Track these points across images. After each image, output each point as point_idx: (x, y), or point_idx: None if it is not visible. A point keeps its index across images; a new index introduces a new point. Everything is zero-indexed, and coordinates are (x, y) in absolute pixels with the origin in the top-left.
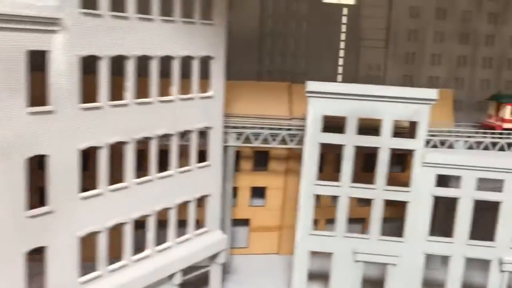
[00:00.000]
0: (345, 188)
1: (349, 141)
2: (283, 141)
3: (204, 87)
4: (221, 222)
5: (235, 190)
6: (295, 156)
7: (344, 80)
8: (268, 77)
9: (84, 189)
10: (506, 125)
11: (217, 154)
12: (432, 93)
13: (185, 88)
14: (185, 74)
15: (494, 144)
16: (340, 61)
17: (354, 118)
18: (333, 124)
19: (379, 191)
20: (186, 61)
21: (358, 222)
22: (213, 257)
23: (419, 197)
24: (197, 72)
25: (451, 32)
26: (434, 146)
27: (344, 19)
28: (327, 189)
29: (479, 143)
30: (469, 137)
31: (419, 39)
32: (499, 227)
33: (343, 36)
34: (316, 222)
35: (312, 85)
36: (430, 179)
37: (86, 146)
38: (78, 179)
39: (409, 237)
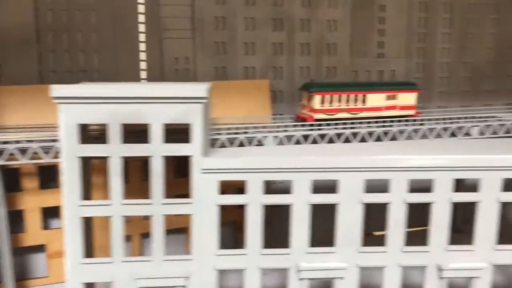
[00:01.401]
0: (116, 207)
1: (114, 152)
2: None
3: None
4: None
5: (20, 213)
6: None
7: (150, 76)
8: (56, 78)
9: None
10: (317, 116)
11: None
12: (200, 90)
13: None
14: None
15: (306, 137)
16: (142, 56)
17: (117, 125)
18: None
19: (157, 206)
20: None
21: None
22: None
23: (203, 208)
24: None
25: (262, 19)
26: (241, 145)
27: (141, 8)
28: (95, 209)
29: (290, 137)
30: (276, 131)
31: (229, 27)
32: (293, 233)
33: (142, 27)
34: (129, 239)
35: (59, 90)
36: (212, 187)
37: None
38: None
39: (197, 254)
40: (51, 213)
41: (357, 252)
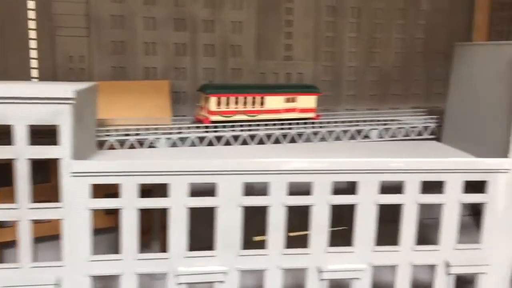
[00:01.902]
0: None
1: None
2: None
3: None
4: None
5: None
6: None
7: (42, 76)
8: None
9: None
10: (213, 118)
11: None
12: (68, 90)
13: None
14: None
15: (202, 139)
16: (33, 54)
17: None
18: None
19: (23, 211)
20: None
21: None
22: None
23: (74, 212)
24: None
25: (164, 18)
26: (132, 147)
27: (31, 4)
28: None
29: (184, 139)
30: (169, 133)
31: (127, 26)
32: (170, 237)
33: (32, 24)
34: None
35: None
36: (83, 190)
37: None
38: None
39: (69, 260)
40: None
41: (237, 255)
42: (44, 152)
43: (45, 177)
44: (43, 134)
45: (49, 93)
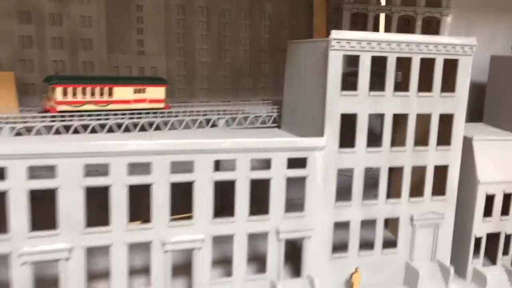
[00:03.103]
0: None
1: None
2: None
3: None
4: None
5: None
6: None
7: None
8: None
9: None
10: (60, 107)
11: None
12: None
13: None
14: None
15: (50, 129)
16: None
17: None
18: None
19: None
20: None
21: None
22: None
23: None
24: None
25: (7, 10)
26: None
27: None
28: None
29: (30, 128)
30: (14, 122)
31: None
32: (12, 218)
33: None
34: None
35: None
36: None
37: None
38: None
39: None
40: None
41: (82, 234)
42: None
43: None
44: None
45: None
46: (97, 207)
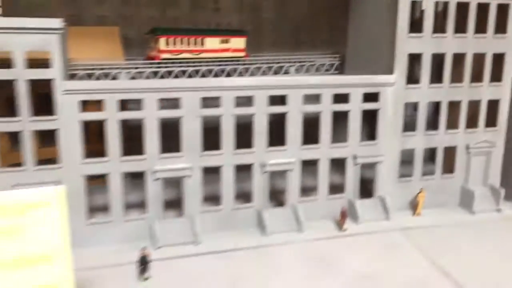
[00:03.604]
0: None
1: None
2: None
3: None
4: None
5: None
6: None
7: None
8: None
9: None
10: (163, 55)
11: None
12: (55, 22)
13: None
14: None
15: (155, 74)
16: None
17: None
18: None
19: (25, 123)
20: None
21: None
22: None
23: (67, 124)
24: None
25: None
26: (98, 79)
27: None
28: None
29: (141, 73)
30: (130, 68)
31: None
32: (146, 142)
33: None
34: None
35: None
36: (74, 105)
37: None
38: None
39: (66, 162)
40: None
41: (199, 156)
42: (39, 73)
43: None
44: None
45: (41, 24)
46: (209, 135)
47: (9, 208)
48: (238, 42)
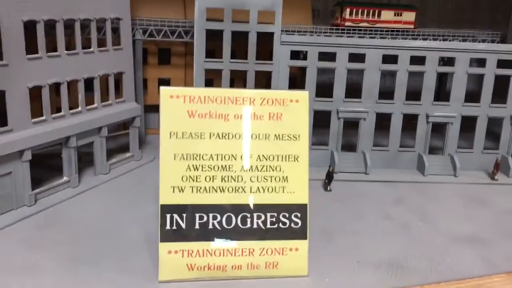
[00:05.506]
0: (226, 64)
1: (226, 27)
2: (180, 36)
3: None
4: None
5: (145, 81)
6: (191, 53)
7: None
8: None
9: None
10: (347, 23)
11: (127, 41)
12: None
13: None
14: None
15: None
16: None
17: (229, 10)
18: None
19: (251, 65)
20: None
21: None
22: (131, 122)
23: (280, 67)
24: None
25: None
26: None
27: None
28: (213, 64)
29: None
30: (320, 32)
31: None
32: (335, 89)
33: None
34: None
35: None
36: (286, 54)
37: None
38: None
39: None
40: (162, 83)
41: (375, 102)
42: (266, 28)
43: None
44: None
45: None
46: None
47: (276, 99)
48: (409, 16)
